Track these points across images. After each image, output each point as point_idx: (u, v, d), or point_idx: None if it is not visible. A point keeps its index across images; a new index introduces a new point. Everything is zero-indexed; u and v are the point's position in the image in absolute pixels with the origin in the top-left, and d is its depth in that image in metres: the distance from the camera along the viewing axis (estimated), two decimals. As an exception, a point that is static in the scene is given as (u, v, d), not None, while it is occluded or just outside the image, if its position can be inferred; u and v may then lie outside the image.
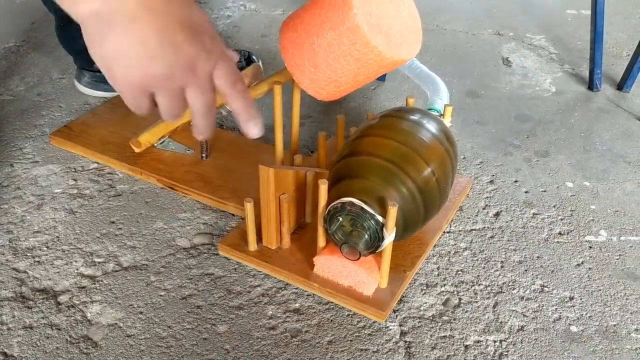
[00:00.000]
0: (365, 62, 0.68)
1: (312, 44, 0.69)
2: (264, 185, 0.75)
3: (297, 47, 0.70)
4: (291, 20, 0.72)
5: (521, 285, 0.81)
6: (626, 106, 1.18)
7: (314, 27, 0.68)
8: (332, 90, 0.73)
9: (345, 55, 0.68)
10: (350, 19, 0.66)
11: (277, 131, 0.81)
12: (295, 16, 0.72)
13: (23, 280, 0.78)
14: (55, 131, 1.01)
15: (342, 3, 0.66)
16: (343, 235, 0.72)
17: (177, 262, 0.82)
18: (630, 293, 0.80)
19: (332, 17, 0.67)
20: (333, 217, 0.72)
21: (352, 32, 0.66)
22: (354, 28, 0.66)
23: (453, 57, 1.31)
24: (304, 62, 0.70)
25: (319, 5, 0.69)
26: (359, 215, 0.70)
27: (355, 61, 0.68)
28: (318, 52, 0.69)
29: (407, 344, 0.73)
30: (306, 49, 0.69)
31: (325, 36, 0.68)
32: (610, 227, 0.90)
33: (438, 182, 0.74)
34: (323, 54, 0.69)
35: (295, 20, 0.71)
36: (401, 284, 0.77)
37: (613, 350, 0.73)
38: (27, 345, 0.71)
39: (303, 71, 0.71)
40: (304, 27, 0.69)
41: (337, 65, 0.69)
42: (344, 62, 0.69)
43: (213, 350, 0.71)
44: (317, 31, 0.68)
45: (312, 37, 0.69)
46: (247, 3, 1.50)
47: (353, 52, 0.67)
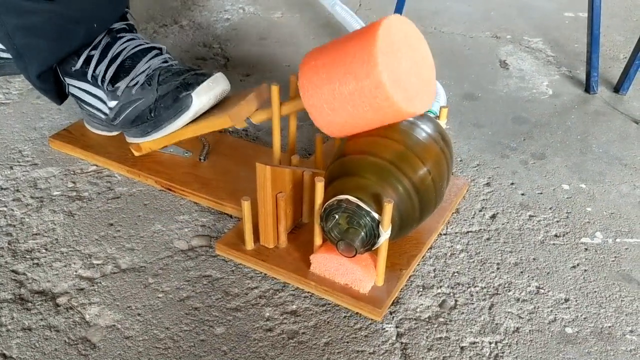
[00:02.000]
0: (383, 113, 0.71)
1: (333, 90, 0.71)
2: (261, 183, 0.76)
3: (316, 89, 0.73)
4: (312, 60, 0.74)
5: (517, 287, 0.81)
6: (623, 109, 1.19)
7: (337, 74, 0.71)
8: (345, 131, 0.76)
9: (364, 105, 0.71)
10: (375, 75, 0.68)
11: (275, 133, 0.82)
12: (316, 57, 0.74)
13: (22, 282, 0.79)
14: (55, 134, 1.02)
15: (367, 58, 0.68)
16: (339, 232, 0.73)
17: (175, 264, 0.82)
18: (626, 295, 0.81)
19: (356, 69, 0.69)
20: (329, 214, 0.73)
21: (375, 87, 0.69)
22: (377, 84, 0.68)
23: (450, 59, 1.32)
24: (323, 105, 0.73)
25: (343, 52, 0.71)
26: (355, 212, 0.71)
27: (373, 111, 0.71)
28: (338, 98, 0.72)
29: (403, 346, 0.73)
30: (326, 93, 0.72)
31: (347, 85, 0.70)
32: (606, 229, 0.91)
33: (434, 181, 0.75)
34: (343, 101, 0.71)
35: (317, 62, 0.73)
36: (397, 283, 0.78)
37: (608, 351, 0.73)
38: (26, 346, 0.71)
39: (320, 112, 0.74)
40: (326, 72, 0.72)
41: (355, 112, 0.72)
42: (362, 111, 0.71)
43: (210, 352, 0.71)
44: (339, 79, 0.71)
45: (334, 83, 0.71)
46: (245, 6, 1.50)
47: (373, 103, 0.70)
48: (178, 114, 0.87)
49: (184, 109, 0.87)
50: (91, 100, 0.95)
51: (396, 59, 0.70)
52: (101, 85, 0.93)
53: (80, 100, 0.97)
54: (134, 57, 0.92)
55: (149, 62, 0.92)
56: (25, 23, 0.90)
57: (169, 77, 0.89)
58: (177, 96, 0.87)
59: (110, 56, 0.92)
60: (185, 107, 0.87)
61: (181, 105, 0.87)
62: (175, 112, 0.87)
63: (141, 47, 0.94)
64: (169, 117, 0.88)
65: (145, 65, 0.91)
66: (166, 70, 0.90)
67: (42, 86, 0.98)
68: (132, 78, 0.91)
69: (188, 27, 1.40)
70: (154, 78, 0.90)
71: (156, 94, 0.89)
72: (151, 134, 0.91)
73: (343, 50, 0.71)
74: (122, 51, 0.93)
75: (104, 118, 0.95)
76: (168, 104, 0.88)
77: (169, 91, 0.88)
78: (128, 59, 0.92)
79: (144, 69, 0.91)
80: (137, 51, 0.93)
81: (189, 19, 1.43)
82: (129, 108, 0.91)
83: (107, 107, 0.94)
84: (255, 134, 1.07)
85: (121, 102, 0.92)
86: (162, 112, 0.88)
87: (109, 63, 0.92)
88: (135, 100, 0.90)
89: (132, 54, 0.92)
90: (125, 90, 0.91)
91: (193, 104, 0.86)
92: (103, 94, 0.93)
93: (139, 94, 0.90)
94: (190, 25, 1.41)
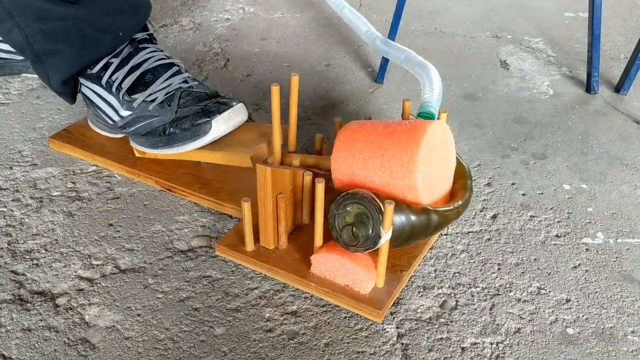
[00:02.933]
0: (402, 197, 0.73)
1: (366, 176, 0.73)
2: (261, 184, 0.76)
3: (349, 169, 0.75)
4: (350, 141, 0.75)
5: (518, 287, 0.81)
6: (623, 109, 1.19)
7: (373, 164, 0.73)
8: None
9: (390, 194, 0.73)
10: (411, 180, 0.71)
11: (275, 134, 0.81)
12: (355, 140, 0.75)
13: (21, 282, 0.79)
14: (54, 134, 1.02)
15: (407, 162, 0.70)
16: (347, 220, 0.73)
17: (175, 264, 0.82)
18: (627, 295, 0.81)
19: (393, 167, 0.72)
20: (341, 205, 0.72)
21: (409, 189, 0.71)
22: (411, 187, 0.71)
23: (451, 60, 1.32)
24: (351, 182, 0.75)
25: (383, 147, 0.73)
26: (368, 206, 0.71)
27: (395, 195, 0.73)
28: (368, 184, 0.74)
29: (404, 346, 0.73)
30: (358, 176, 0.74)
31: (381, 177, 0.73)
32: (607, 230, 0.91)
33: (458, 213, 0.77)
34: (372, 186, 0.74)
35: (355, 145, 0.75)
36: (397, 284, 0.78)
37: (609, 352, 0.73)
38: (25, 347, 0.71)
39: (345, 185, 0.76)
40: (362, 158, 0.74)
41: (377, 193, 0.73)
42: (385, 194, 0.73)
43: (210, 353, 0.71)
44: (374, 169, 0.73)
45: (369, 171, 0.73)
46: (246, 6, 1.50)
47: (400, 197, 0.73)
48: (194, 137, 0.88)
49: (201, 134, 0.88)
50: (101, 105, 0.95)
51: (431, 164, 0.73)
52: (116, 92, 0.92)
53: (90, 101, 0.96)
54: (155, 71, 0.92)
55: (169, 79, 0.91)
56: (48, 28, 0.89)
57: (190, 102, 0.89)
58: (197, 121, 0.88)
59: (130, 66, 0.92)
60: (203, 133, 0.88)
61: (199, 130, 0.88)
62: (191, 135, 0.88)
63: (162, 61, 0.93)
64: (184, 139, 0.89)
65: (166, 82, 0.91)
66: (187, 93, 0.90)
67: (62, 91, 0.97)
68: (150, 93, 0.91)
69: (188, 27, 1.39)
70: (175, 99, 0.89)
71: (174, 115, 0.89)
72: (160, 149, 0.91)
73: (384, 144, 0.73)
74: (143, 62, 0.92)
75: (111, 123, 0.95)
76: (186, 127, 0.88)
77: (188, 115, 0.88)
78: (149, 72, 0.92)
79: (163, 86, 0.91)
80: (158, 65, 0.93)
81: (189, 19, 1.43)
82: (142, 122, 0.91)
83: (117, 115, 0.93)
84: (256, 134, 1.06)
85: (135, 114, 0.91)
86: (177, 133, 0.89)
87: (128, 72, 0.92)
88: (150, 116, 0.90)
89: (153, 67, 0.92)
90: (142, 103, 0.91)
91: (212, 130, 0.87)
92: (116, 101, 0.93)
93: (156, 111, 0.90)
94: (190, 25, 1.40)
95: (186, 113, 0.88)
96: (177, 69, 0.94)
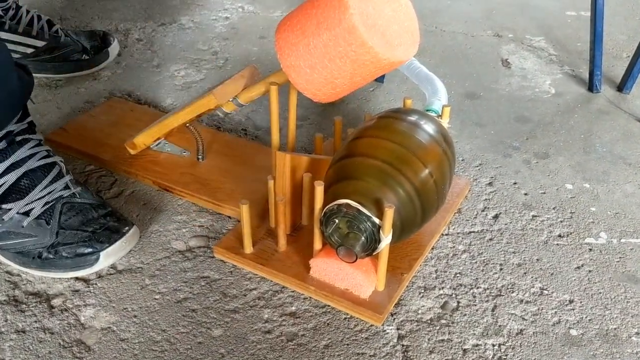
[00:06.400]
0: (362, 63, 0.67)
1: (308, 44, 0.68)
2: (280, 170, 0.78)
3: (292, 48, 0.69)
4: (287, 20, 0.71)
5: (520, 288, 0.80)
6: (626, 108, 1.17)
7: (310, 27, 0.67)
8: (328, 91, 0.71)
9: (341, 57, 0.67)
10: (347, 19, 0.64)
11: (274, 133, 0.80)
12: (291, 16, 0.71)
13: (16, 283, 0.78)
14: (51, 133, 1.01)
15: (338, 3, 0.65)
16: (339, 237, 0.71)
17: (173, 265, 0.81)
18: (631, 296, 0.79)
19: (328, 18, 0.66)
20: (329, 219, 0.71)
21: (349, 32, 0.65)
22: (350, 29, 0.65)
23: (452, 58, 1.31)
24: (300, 63, 0.69)
25: (315, 5, 0.68)
26: (356, 217, 0.69)
27: (351, 62, 0.67)
28: (314, 52, 0.68)
29: (405, 348, 0.72)
30: (302, 50, 0.68)
31: (321, 37, 0.67)
32: (611, 230, 0.90)
33: (436, 183, 0.74)
34: (319, 55, 0.68)
35: (292, 20, 0.70)
36: (398, 287, 0.76)
37: (614, 354, 0.72)
38: (19, 349, 0.70)
39: (299, 72, 0.70)
40: (300, 27, 0.68)
41: (333, 67, 0.68)
42: (340, 63, 0.67)
43: (208, 355, 0.70)
44: (312, 31, 0.67)
45: (308, 37, 0.68)
46: (245, 5, 1.49)
47: (349, 53, 0.66)
48: (76, 268, 0.76)
49: (86, 265, 0.76)
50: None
51: (371, 4, 0.67)
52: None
53: None
54: (33, 174, 0.77)
55: (50, 186, 0.77)
56: None
57: (74, 218, 0.77)
58: (82, 250, 0.76)
59: (4, 167, 0.76)
60: (88, 264, 0.76)
61: (83, 261, 0.76)
62: (73, 265, 0.76)
63: (43, 161, 0.78)
64: (64, 267, 0.76)
65: (45, 190, 0.77)
66: (70, 206, 0.77)
67: None
68: (27, 203, 0.76)
69: (187, 26, 1.39)
70: (54, 214, 0.76)
71: (54, 239, 0.76)
72: (31, 269, 0.78)
73: (315, 2, 0.68)
74: (22, 163, 0.77)
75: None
76: (66, 255, 0.76)
77: (71, 242, 0.76)
78: (26, 176, 0.77)
79: (42, 194, 0.77)
80: (37, 167, 0.78)
81: (188, 17, 1.42)
82: (13, 240, 0.77)
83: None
84: (255, 133, 1.05)
85: (5, 228, 0.77)
86: (56, 260, 0.76)
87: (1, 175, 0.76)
88: (24, 234, 0.77)
89: (32, 169, 0.77)
90: (14, 216, 0.76)
91: (99, 262, 0.76)
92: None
93: (31, 229, 0.76)
94: (189, 24, 1.40)
95: (69, 239, 0.76)
96: (58, 170, 0.79)
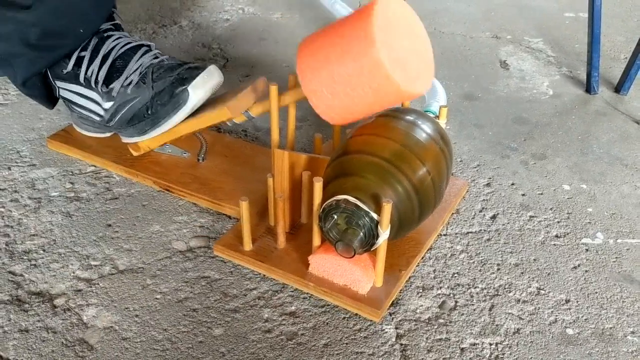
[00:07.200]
0: (384, 94, 0.69)
1: (331, 72, 0.69)
2: (279, 168, 0.79)
3: (315, 73, 0.71)
4: (309, 44, 0.72)
5: (517, 288, 0.81)
6: (623, 109, 1.18)
7: (334, 55, 0.69)
8: (346, 116, 0.74)
9: (364, 87, 0.69)
10: (372, 53, 0.66)
11: (274, 133, 0.81)
12: (313, 41, 0.72)
13: (19, 283, 0.78)
14: (53, 135, 1.02)
15: (364, 36, 0.66)
16: (338, 233, 0.72)
17: (173, 265, 0.82)
18: (627, 296, 0.80)
19: (353, 49, 0.67)
20: (328, 214, 0.72)
21: (374, 66, 0.67)
22: (376, 63, 0.66)
23: (450, 60, 1.32)
24: (322, 89, 0.71)
25: (339, 34, 0.69)
26: (354, 212, 0.70)
27: (373, 93, 0.69)
28: (337, 81, 0.69)
29: (403, 347, 0.73)
30: (325, 77, 0.70)
31: (345, 66, 0.68)
32: (607, 230, 0.90)
33: (433, 181, 0.75)
34: (342, 83, 0.70)
35: (314, 45, 0.71)
36: (396, 284, 0.77)
37: (609, 353, 0.73)
38: (22, 348, 0.71)
39: (320, 98, 0.72)
40: (323, 54, 0.70)
41: (355, 95, 0.70)
42: (363, 92, 0.69)
43: (209, 354, 0.71)
44: (337, 60, 0.69)
45: (332, 65, 0.69)
46: (245, 6, 1.50)
47: (372, 84, 0.68)
48: (176, 109, 0.87)
49: (182, 103, 0.87)
50: (85, 103, 0.95)
51: (394, 38, 0.68)
52: (95, 87, 0.92)
53: (72, 103, 0.96)
54: (124, 55, 0.92)
55: (140, 60, 0.91)
56: (2, 31, 0.89)
57: (163, 73, 0.89)
58: (174, 91, 0.87)
59: (100, 57, 0.92)
60: (183, 102, 0.87)
61: (178, 101, 0.87)
62: (173, 107, 0.87)
63: (130, 45, 0.93)
64: (167, 113, 0.88)
65: (137, 63, 0.91)
66: (159, 67, 0.90)
67: (28, 92, 0.97)
68: (126, 77, 0.91)
69: (187, 28, 1.39)
70: (148, 75, 0.89)
71: (152, 91, 0.88)
72: (149, 132, 0.91)
73: (340, 31, 0.69)
74: (111, 50, 0.92)
75: (99, 120, 0.95)
76: (165, 100, 0.87)
77: (164, 87, 0.88)
78: (119, 58, 0.92)
79: (136, 67, 0.91)
80: (126, 50, 0.92)
81: (189, 19, 1.43)
82: (125, 107, 0.91)
83: (102, 109, 0.93)
84: (255, 134, 1.06)
85: (117, 102, 0.91)
86: (159, 109, 0.88)
87: (101, 64, 0.92)
88: (131, 99, 0.90)
89: (122, 52, 0.92)
90: (120, 90, 0.91)
91: (190, 98, 0.86)
92: (97, 95, 0.93)
93: (134, 93, 0.90)
94: (190, 25, 1.40)
95: (162, 86, 0.88)
96: (146, 49, 0.93)
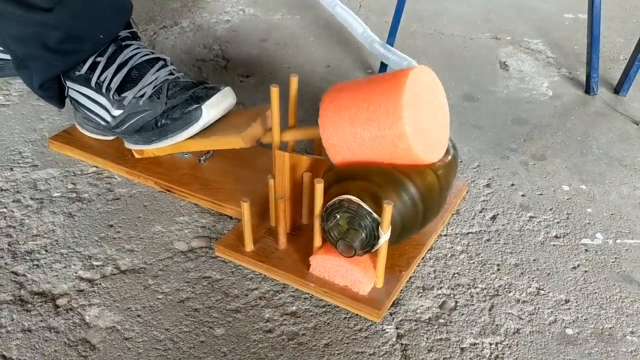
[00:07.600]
0: (401, 159, 0.72)
1: (354, 133, 0.72)
2: (280, 169, 0.80)
3: (337, 130, 0.73)
4: (334, 99, 0.74)
5: (517, 288, 0.81)
6: (623, 110, 1.19)
7: (360, 119, 0.71)
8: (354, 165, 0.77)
9: (383, 151, 0.72)
10: (399, 127, 0.69)
11: (274, 134, 0.81)
12: (340, 98, 0.74)
13: (22, 283, 0.79)
14: (55, 135, 1.02)
15: (393, 109, 0.69)
16: (339, 233, 0.73)
17: (175, 265, 0.82)
18: (626, 296, 0.81)
19: (380, 118, 0.70)
20: (330, 214, 0.73)
21: (398, 137, 0.70)
22: (400, 135, 0.69)
23: (450, 61, 1.32)
24: (342, 145, 0.74)
25: (367, 100, 0.71)
26: (357, 212, 0.71)
27: (390, 156, 0.72)
28: (358, 141, 0.72)
29: (404, 347, 0.73)
30: (347, 135, 0.73)
31: (369, 131, 0.71)
32: (607, 230, 0.91)
33: (441, 188, 0.75)
34: (362, 144, 0.72)
35: (340, 102, 0.73)
36: (397, 284, 0.78)
37: (608, 352, 0.73)
38: (25, 348, 0.71)
39: (338, 151, 0.74)
40: (349, 115, 0.72)
41: (372, 155, 0.73)
42: (381, 155, 0.72)
43: (210, 353, 0.71)
44: (361, 123, 0.71)
45: (356, 127, 0.72)
46: (246, 8, 1.50)
47: (393, 151, 0.71)
48: (186, 125, 0.88)
49: (193, 120, 0.88)
50: (92, 106, 0.95)
51: (419, 109, 0.71)
52: (106, 93, 0.93)
53: (79, 104, 0.97)
54: (141, 67, 0.93)
55: (156, 73, 0.92)
56: (22, 33, 0.90)
57: (178, 92, 0.90)
58: (187, 108, 0.88)
59: (116, 65, 0.92)
60: (195, 120, 0.88)
61: (190, 117, 0.88)
62: (183, 123, 0.88)
63: (147, 57, 0.94)
64: (177, 128, 0.89)
65: (153, 76, 0.92)
66: (174, 84, 0.91)
67: (44, 94, 0.98)
68: (140, 89, 0.91)
69: (188, 29, 1.40)
70: (163, 91, 0.90)
71: (164, 107, 0.89)
72: (155, 143, 0.91)
73: (368, 97, 0.71)
74: (128, 60, 0.93)
75: (104, 124, 0.95)
76: (176, 116, 0.88)
77: (178, 104, 0.89)
78: (135, 69, 0.93)
79: (151, 80, 0.92)
80: (143, 61, 0.93)
81: (189, 20, 1.43)
82: (134, 118, 0.91)
83: (109, 115, 0.93)
84: (255, 135, 1.07)
85: (127, 112, 0.92)
86: (169, 123, 0.89)
87: (116, 71, 0.92)
88: (142, 111, 0.91)
89: (139, 64, 0.93)
90: (132, 100, 0.91)
91: (203, 116, 0.88)
92: (107, 102, 0.93)
93: (146, 106, 0.91)
94: (191, 26, 1.41)
95: (175, 102, 0.89)
96: (162, 63, 0.94)
